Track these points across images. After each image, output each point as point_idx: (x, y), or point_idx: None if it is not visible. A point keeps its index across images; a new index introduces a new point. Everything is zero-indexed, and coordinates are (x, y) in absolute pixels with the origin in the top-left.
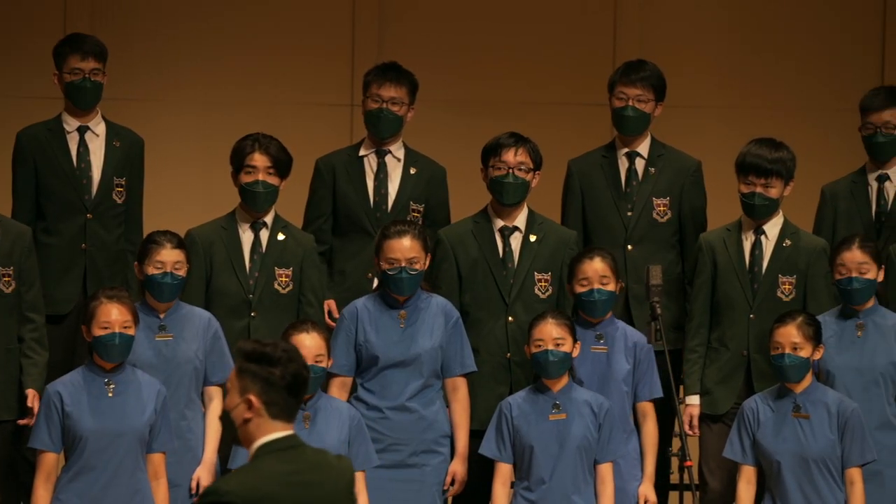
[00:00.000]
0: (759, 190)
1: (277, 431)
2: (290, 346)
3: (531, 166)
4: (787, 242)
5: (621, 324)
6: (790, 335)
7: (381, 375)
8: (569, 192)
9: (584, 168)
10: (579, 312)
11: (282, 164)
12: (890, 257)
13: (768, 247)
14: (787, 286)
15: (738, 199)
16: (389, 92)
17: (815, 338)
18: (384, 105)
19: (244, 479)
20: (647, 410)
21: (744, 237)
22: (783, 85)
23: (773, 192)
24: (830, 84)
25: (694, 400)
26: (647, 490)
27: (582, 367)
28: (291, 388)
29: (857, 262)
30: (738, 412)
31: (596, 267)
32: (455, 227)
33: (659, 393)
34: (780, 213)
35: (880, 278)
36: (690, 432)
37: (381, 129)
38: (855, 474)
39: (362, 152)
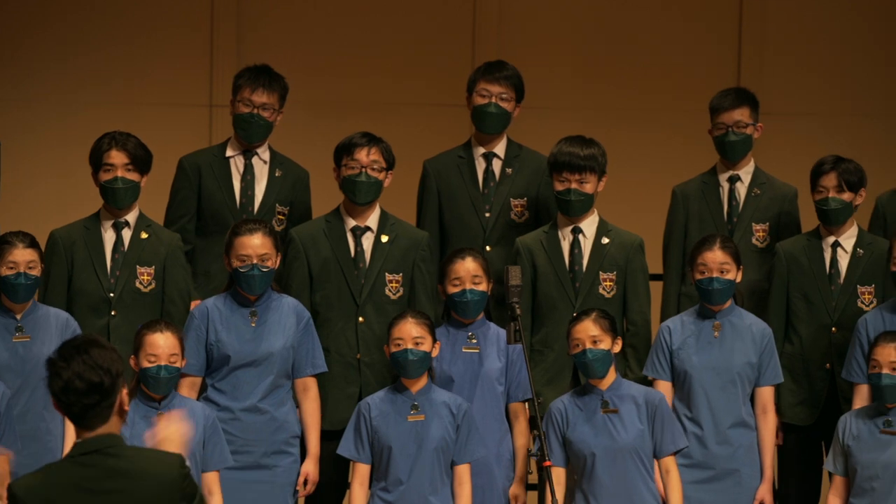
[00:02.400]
0: (574, 186)
1: (94, 431)
2: (66, 355)
3: (384, 165)
4: (605, 240)
5: (493, 325)
6: (588, 329)
7: (232, 375)
8: (425, 193)
9: (440, 169)
10: (452, 313)
11: (140, 160)
12: (877, 209)
13: (587, 245)
14: (608, 283)
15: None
16: (261, 98)
17: (613, 330)
18: (255, 110)
19: (32, 481)
20: (519, 411)
21: (561, 237)
22: (640, 86)
23: (588, 188)
24: (687, 85)
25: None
26: (518, 490)
27: (454, 367)
28: (69, 398)
29: (719, 262)
30: (545, 415)
31: (468, 267)
32: (307, 226)
33: (531, 393)
34: (595, 211)
35: (738, 279)
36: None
37: (252, 135)
38: (669, 462)
39: (228, 153)
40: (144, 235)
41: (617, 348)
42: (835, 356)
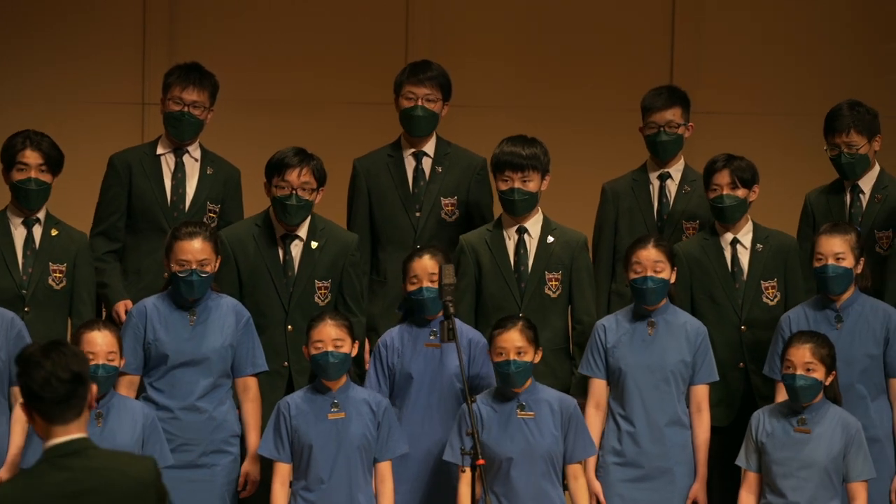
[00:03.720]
0: (517, 185)
1: (66, 434)
2: (43, 350)
3: (314, 186)
4: (550, 238)
5: (457, 320)
6: (514, 340)
7: (171, 374)
8: (355, 192)
9: (370, 167)
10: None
11: (54, 161)
12: (806, 207)
13: (532, 244)
14: (553, 283)
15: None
16: (192, 96)
17: (536, 341)
18: (186, 108)
19: (12, 488)
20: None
21: (506, 236)
22: (572, 85)
23: (532, 186)
24: (619, 85)
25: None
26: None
27: (414, 364)
28: (46, 395)
29: (653, 260)
30: (457, 416)
31: (425, 265)
32: (236, 229)
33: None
34: (540, 210)
35: (672, 279)
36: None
37: (182, 133)
38: (578, 469)
39: (159, 151)
40: (55, 233)
41: (538, 359)
42: (747, 355)
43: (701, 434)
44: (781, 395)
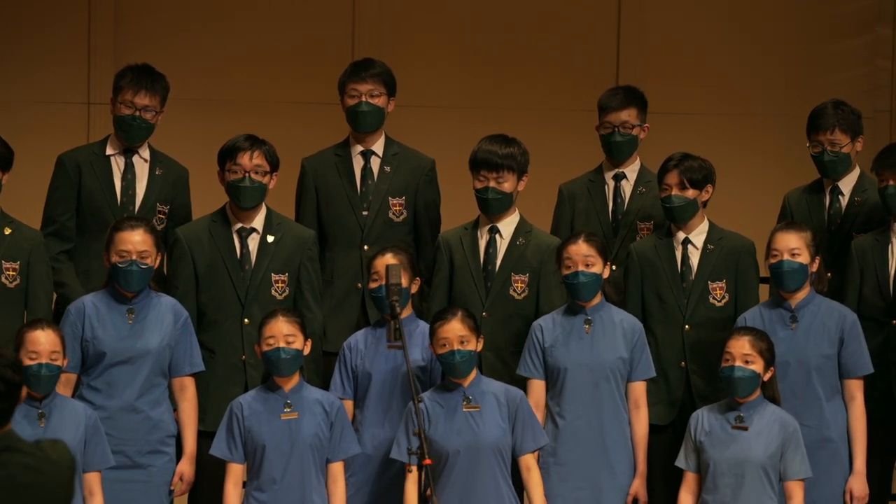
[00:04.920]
0: (491, 184)
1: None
2: None
3: (267, 169)
4: (521, 241)
5: (421, 322)
6: (455, 330)
7: (108, 373)
8: (303, 192)
9: (318, 167)
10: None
11: (3, 160)
12: (785, 207)
13: (502, 245)
14: (519, 284)
15: (474, 198)
16: (144, 100)
17: (477, 329)
18: (137, 112)
19: None
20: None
21: (479, 235)
22: (520, 85)
23: (506, 187)
24: (566, 84)
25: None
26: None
27: (375, 364)
28: None
29: (583, 254)
30: (404, 415)
31: (387, 262)
32: (192, 225)
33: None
34: (517, 211)
35: (606, 274)
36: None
37: (133, 137)
38: (530, 460)
39: (109, 151)
40: (8, 231)
41: (480, 347)
42: (689, 355)
43: (640, 430)
44: None
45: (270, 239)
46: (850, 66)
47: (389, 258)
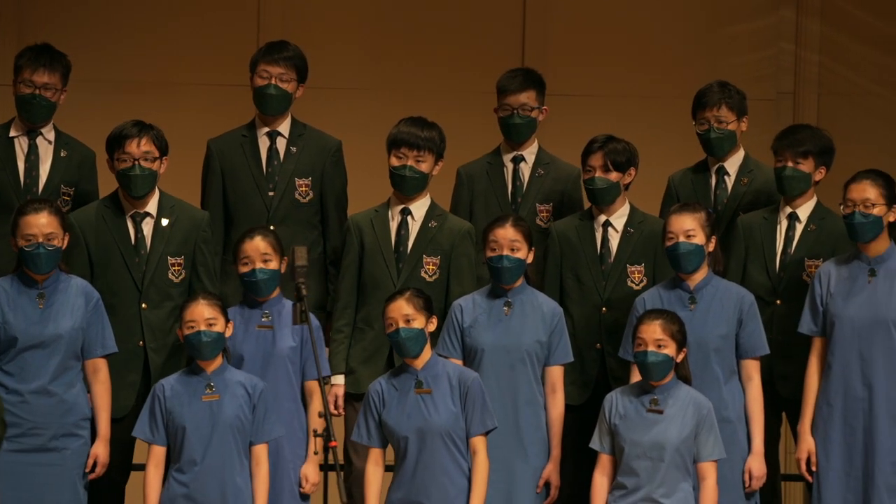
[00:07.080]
0: (410, 163)
1: None
2: None
3: (157, 154)
4: (433, 223)
5: (288, 302)
6: (401, 309)
7: (20, 357)
8: (209, 173)
9: (223, 148)
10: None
11: None
12: (669, 188)
13: (414, 227)
14: (430, 266)
15: (384, 179)
16: (43, 78)
17: (427, 309)
18: (37, 91)
19: None
20: (315, 389)
21: (391, 216)
22: (427, 66)
23: (424, 167)
24: (471, 66)
25: (339, 380)
26: (308, 470)
27: (245, 345)
28: None
29: (510, 238)
30: (364, 397)
31: (257, 246)
32: (85, 211)
33: (327, 371)
34: (428, 195)
35: (530, 259)
36: (335, 412)
37: (34, 115)
38: (478, 443)
39: (13, 133)
40: None
41: (431, 327)
42: (605, 336)
43: (555, 414)
44: (636, 378)
45: (165, 222)
46: (754, 49)
47: (259, 241)
